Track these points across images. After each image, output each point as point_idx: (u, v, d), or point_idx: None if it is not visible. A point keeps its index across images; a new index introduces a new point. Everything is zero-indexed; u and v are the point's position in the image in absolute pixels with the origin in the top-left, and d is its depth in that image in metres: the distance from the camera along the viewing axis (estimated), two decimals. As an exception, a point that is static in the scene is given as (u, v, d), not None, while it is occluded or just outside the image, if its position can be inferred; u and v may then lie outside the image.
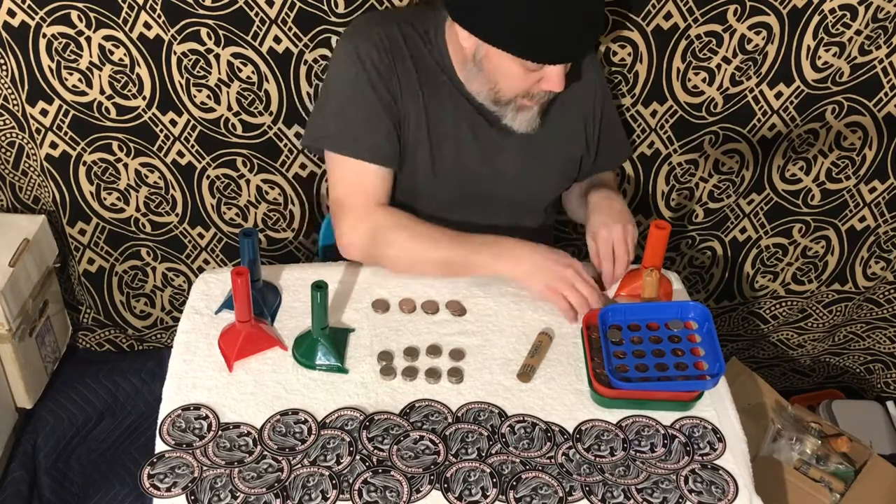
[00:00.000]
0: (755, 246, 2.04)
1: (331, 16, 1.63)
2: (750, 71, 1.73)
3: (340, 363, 1.38)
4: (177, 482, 1.22)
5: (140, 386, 2.14)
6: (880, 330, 2.22)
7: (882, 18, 1.66)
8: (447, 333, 1.45)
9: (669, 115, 1.80)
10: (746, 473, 1.28)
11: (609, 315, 1.42)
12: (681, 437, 1.31)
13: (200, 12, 1.62)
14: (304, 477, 1.23)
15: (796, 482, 1.81)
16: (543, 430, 1.31)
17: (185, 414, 1.30)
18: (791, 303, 2.15)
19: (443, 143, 1.53)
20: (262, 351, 1.40)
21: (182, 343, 1.41)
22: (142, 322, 2.16)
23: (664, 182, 1.91)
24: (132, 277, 2.06)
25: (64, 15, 1.62)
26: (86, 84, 1.71)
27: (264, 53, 1.68)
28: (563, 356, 1.42)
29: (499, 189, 1.59)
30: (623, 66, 1.73)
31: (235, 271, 1.27)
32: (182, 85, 1.72)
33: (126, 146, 1.81)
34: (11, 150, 1.86)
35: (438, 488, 1.23)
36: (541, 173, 1.61)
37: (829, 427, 1.98)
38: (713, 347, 1.36)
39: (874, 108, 1.79)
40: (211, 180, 1.87)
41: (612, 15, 1.66)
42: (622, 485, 1.25)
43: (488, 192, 1.59)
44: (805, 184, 1.92)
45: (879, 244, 2.02)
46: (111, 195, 1.90)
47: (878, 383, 2.32)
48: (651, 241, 1.43)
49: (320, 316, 1.35)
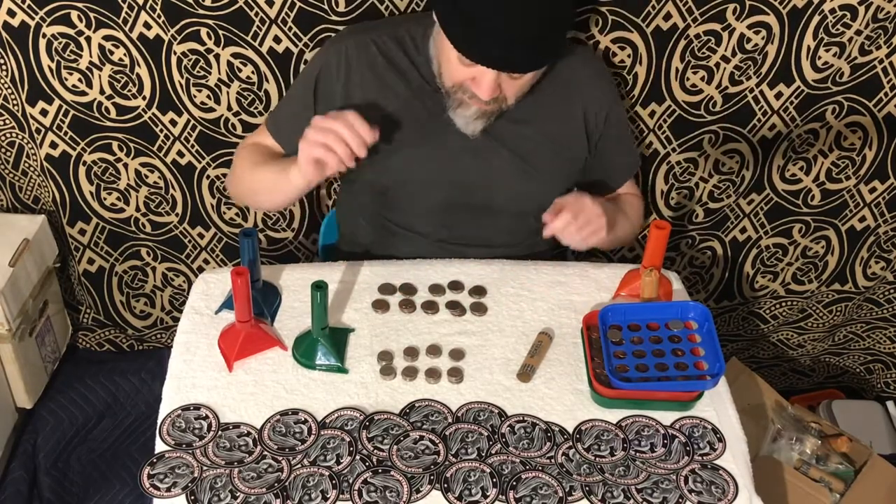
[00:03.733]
0: (755, 246, 2.04)
1: (331, 15, 1.63)
2: (750, 71, 1.73)
3: (340, 363, 1.38)
4: (177, 482, 1.22)
5: (140, 386, 2.14)
6: (880, 330, 2.22)
7: (882, 18, 1.66)
8: (447, 333, 1.45)
9: (668, 114, 1.80)
10: (746, 473, 1.28)
11: (609, 315, 1.42)
12: (681, 437, 1.31)
13: (200, 12, 1.62)
14: (304, 477, 1.23)
15: (796, 482, 1.81)
16: (543, 430, 1.31)
17: (185, 414, 1.30)
18: (791, 303, 2.15)
19: (420, 149, 1.54)
20: (262, 351, 1.40)
21: (182, 343, 1.41)
22: (142, 322, 2.16)
23: (663, 181, 1.91)
24: (132, 277, 2.06)
25: (64, 15, 1.62)
26: (86, 84, 1.71)
27: (264, 53, 1.68)
28: (563, 356, 1.42)
29: (493, 195, 1.58)
30: (623, 68, 1.73)
31: (235, 271, 1.27)
32: (182, 85, 1.72)
33: (126, 146, 1.81)
34: (11, 150, 1.86)
35: (438, 488, 1.23)
36: (533, 177, 1.59)
37: (829, 427, 1.98)
38: (713, 347, 1.36)
39: (874, 108, 1.79)
40: (211, 180, 1.87)
41: (612, 15, 1.66)
42: (622, 485, 1.25)
43: (483, 199, 1.58)
44: (805, 184, 1.92)
45: (879, 244, 2.02)
46: (111, 195, 1.90)
47: (878, 383, 2.32)
48: (651, 240, 1.43)
49: (320, 316, 1.35)
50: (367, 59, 1.51)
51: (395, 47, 1.52)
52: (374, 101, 1.52)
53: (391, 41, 1.52)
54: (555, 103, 1.55)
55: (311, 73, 1.54)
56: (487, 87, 1.40)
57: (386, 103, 1.52)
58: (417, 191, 1.56)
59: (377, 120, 1.45)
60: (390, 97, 1.52)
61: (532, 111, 1.53)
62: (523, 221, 1.62)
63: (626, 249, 2.04)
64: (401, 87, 1.52)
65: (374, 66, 1.51)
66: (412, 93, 1.52)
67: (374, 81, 1.51)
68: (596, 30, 1.67)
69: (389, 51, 1.51)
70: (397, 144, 1.53)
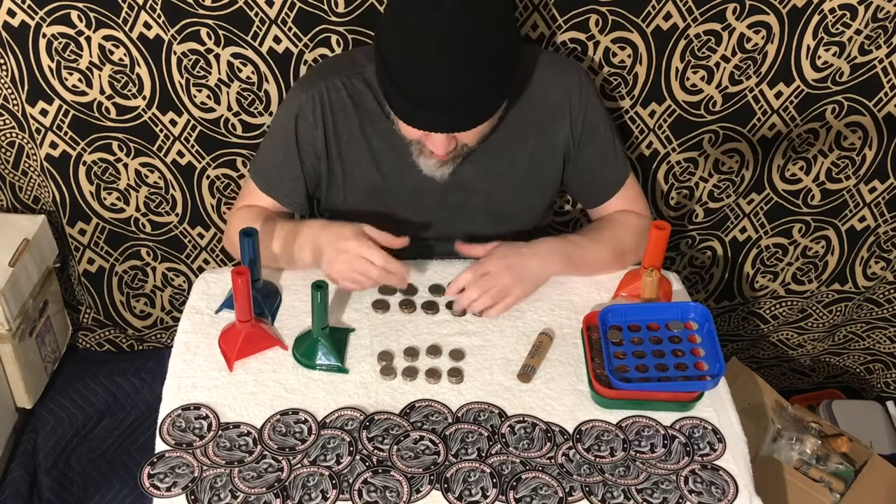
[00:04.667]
0: (755, 246, 2.04)
1: (331, 15, 1.63)
2: (749, 70, 1.73)
3: (340, 363, 1.38)
4: (177, 482, 1.22)
5: (140, 386, 2.14)
6: (880, 330, 2.22)
7: (882, 18, 1.66)
8: (447, 333, 1.45)
9: (668, 114, 1.79)
10: (746, 474, 1.28)
11: (609, 315, 1.42)
12: (681, 438, 1.31)
13: (200, 12, 1.62)
14: (304, 477, 1.23)
15: (796, 482, 1.81)
16: (543, 431, 1.31)
17: (185, 414, 1.30)
18: (791, 303, 2.15)
19: (392, 193, 1.56)
20: (262, 351, 1.40)
21: (182, 343, 1.41)
22: (142, 322, 2.16)
23: (663, 181, 1.91)
24: (132, 277, 2.06)
25: (64, 15, 1.62)
26: (86, 84, 1.71)
27: (264, 53, 1.68)
28: (563, 356, 1.43)
29: (471, 219, 1.59)
30: (623, 68, 1.73)
31: (235, 271, 1.27)
32: (182, 85, 1.72)
33: (126, 146, 1.81)
34: (11, 150, 1.86)
35: (438, 488, 1.23)
36: (504, 221, 1.59)
37: (829, 427, 1.98)
38: (713, 348, 1.37)
39: (874, 108, 1.79)
40: (211, 180, 1.87)
41: (612, 15, 1.66)
42: (622, 485, 1.25)
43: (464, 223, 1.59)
44: (805, 184, 1.92)
45: (879, 244, 2.02)
46: (111, 195, 1.90)
47: (878, 383, 2.32)
48: (651, 241, 1.43)
49: (320, 316, 1.35)
50: (338, 102, 1.51)
51: (364, 88, 1.51)
52: (348, 143, 1.53)
53: (360, 83, 1.51)
54: (527, 129, 1.54)
55: (288, 125, 1.52)
56: (440, 145, 1.39)
57: (359, 145, 1.53)
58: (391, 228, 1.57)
59: (352, 161, 1.52)
60: (362, 139, 1.52)
61: (505, 141, 1.53)
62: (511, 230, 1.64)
63: (626, 249, 2.04)
64: (370, 130, 1.52)
65: (345, 110, 1.51)
66: (380, 135, 1.52)
67: (346, 125, 1.52)
68: (596, 30, 1.67)
69: (359, 93, 1.51)
70: (370, 187, 1.56)
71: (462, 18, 1.27)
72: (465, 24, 1.28)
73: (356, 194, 1.58)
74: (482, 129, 1.41)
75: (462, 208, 1.58)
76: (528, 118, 1.53)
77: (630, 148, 1.85)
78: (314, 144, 1.53)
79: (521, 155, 1.55)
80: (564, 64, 1.58)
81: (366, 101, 1.51)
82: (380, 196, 1.57)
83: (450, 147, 1.40)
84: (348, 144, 1.53)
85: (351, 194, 1.58)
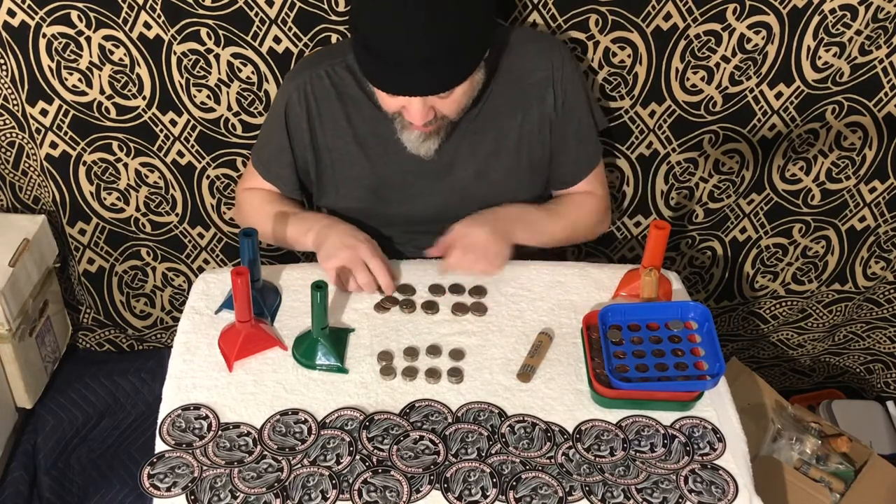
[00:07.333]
0: (755, 246, 2.04)
1: (331, 15, 1.63)
2: (750, 71, 1.73)
3: (340, 363, 1.38)
4: (177, 482, 1.22)
5: (140, 386, 2.14)
6: (880, 330, 2.22)
7: (882, 18, 1.66)
8: (447, 333, 1.45)
9: (668, 114, 1.79)
10: (746, 473, 1.28)
11: (609, 315, 1.42)
12: (681, 437, 1.31)
13: (200, 12, 1.62)
14: (304, 477, 1.23)
15: (796, 482, 1.80)
16: (543, 430, 1.31)
17: (185, 414, 1.30)
18: (791, 303, 2.15)
19: (379, 177, 1.57)
20: (262, 351, 1.40)
21: (182, 343, 1.41)
22: (142, 322, 2.16)
23: (663, 181, 1.91)
24: (132, 277, 2.06)
25: (64, 15, 1.62)
26: (86, 84, 1.71)
27: (264, 53, 1.68)
28: (563, 356, 1.42)
29: (464, 203, 1.59)
30: (623, 68, 1.73)
31: (235, 271, 1.27)
32: (182, 85, 1.72)
33: (126, 146, 1.82)
34: (11, 150, 1.86)
35: (438, 488, 1.23)
36: (498, 181, 1.59)
37: (829, 427, 1.98)
38: (713, 347, 1.36)
39: (874, 108, 1.79)
40: (211, 180, 1.87)
41: (612, 15, 1.66)
42: (622, 485, 1.25)
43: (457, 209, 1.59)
44: (805, 184, 1.92)
45: (879, 244, 2.02)
46: (111, 195, 1.90)
47: (878, 383, 2.32)
48: (650, 240, 1.43)
49: (320, 316, 1.35)
50: (322, 92, 1.53)
51: (347, 75, 1.53)
52: (334, 132, 1.55)
53: (343, 70, 1.53)
54: (512, 106, 1.54)
55: (279, 112, 1.57)
56: (416, 113, 1.40)
57: (345, 133, 1.55)
58: (379, 215, 1.58)
59: (339, 150, 1.55)
60: (347, 127, 1.55)
61: (491, 120, 1.54)
62: None
63: (626, 249, 2.04)
64: (356, 117, 1.54)
65: (329, 98, 1.53)
66: (365, 122, 1.54)
67: (330, 114, 1.54)
68: (596, 30, 1.67)
69: (342, 81, 1.53)
70: (359, 175, 1.57)
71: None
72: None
73: (348, 186, 1.59)
74: (459, 100, 1.42)
75: (453, 192, 1.59)
76: (513, 95, 1.54)
77: (630, 148, 1.85)
78: (302, 134, 1.56)
79: (508, 132, 1.56)
80: (548, 41, 1.59)
81: (349, 88, 1.53)
82: (371, 187, 1.58)
83: (428, 117, 1.41)
84: (334, 133, 1.55)
85: (343, 186, 1.60)
